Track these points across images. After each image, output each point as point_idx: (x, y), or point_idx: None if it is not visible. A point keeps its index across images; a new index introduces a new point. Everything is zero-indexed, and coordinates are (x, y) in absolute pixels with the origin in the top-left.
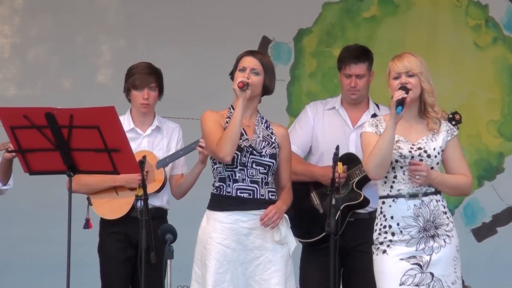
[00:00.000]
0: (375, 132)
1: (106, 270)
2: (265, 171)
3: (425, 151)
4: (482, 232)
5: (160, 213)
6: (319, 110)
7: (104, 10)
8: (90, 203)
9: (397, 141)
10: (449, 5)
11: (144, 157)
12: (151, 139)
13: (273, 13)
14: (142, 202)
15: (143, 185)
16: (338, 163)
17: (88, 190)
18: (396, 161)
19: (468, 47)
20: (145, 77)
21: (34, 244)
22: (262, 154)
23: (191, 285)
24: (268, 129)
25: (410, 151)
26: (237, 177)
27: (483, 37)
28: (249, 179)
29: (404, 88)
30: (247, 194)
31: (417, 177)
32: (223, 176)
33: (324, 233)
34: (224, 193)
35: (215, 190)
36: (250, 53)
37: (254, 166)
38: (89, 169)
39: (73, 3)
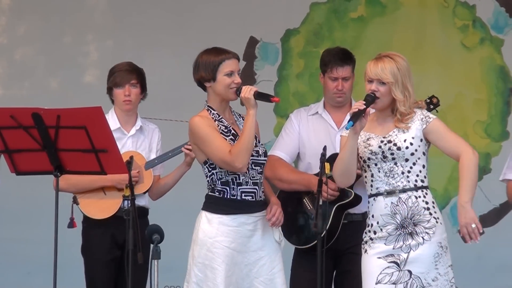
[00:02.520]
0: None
1: (92, 271)
2: (261, 170)
3: (395, 144)
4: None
5: (143, 212)
6: (303, 117)
7: (91, 11)
8: (76, 202)
9: (368, 139)
10: (436, 6)
11: (131, 157)
12: (135, 139)
13: (260, 14)
14: (129, 202)
15: (130, 185)
16: (326, 163)
17: (77, 189)
18: (369, 158)
19: (455, 48)
20: (125, 74)
21: (21, 244)
22: (259, 153)
23: (190, 287)
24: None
25: (380, 146)
26: (241, 180)
27: (470, 38)
28: (251, 181)
29: (369, 96)
30: (250, 197)
31: (473, 226)
32: (226, 180)
33: (319, 239)
34: (228, 197)
35: (217, 194)
36: (228, 53)
37: (253, 167)
38: (76, 170)
39: (61, 3)
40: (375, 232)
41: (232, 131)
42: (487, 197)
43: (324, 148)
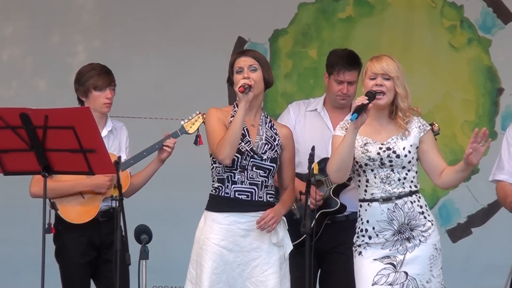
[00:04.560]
0: (344, 135)
1: (68, 275)
2: (265, 174)
3: (394, 152)
4: (457, 233)
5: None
6: (301, 111)
7: (79, 11)
8: (55, 208)
9: (365, 144)
10: (424, 6)
11: (120, 157)
12: (106, 140)
13: (248, 14)
14: (117, 203)
15: (119, 185)
16: (314, 164)
17: (54, 195)
18: (366, 164)
19: (443, 48)
20: (105, 77)
21: (8, 244)
22: (263, 158)
23: (185, 285)
24: (272, 129)
25: (379, 153)
26: (236, 179)
27: (458, 38)
28: (248, 182)
29: (370, 93)
30: (245, 196)
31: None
32: (222, 177)
33: (301, 238)
34: (222, 194)
35: (213, 191)
36: (241, 53)
37: (254, 169)
38: (64, 170)
39: (48, 3)
40: (370, 237)
41: (242, 132)
42: (475, 197)
43: (313, 149)
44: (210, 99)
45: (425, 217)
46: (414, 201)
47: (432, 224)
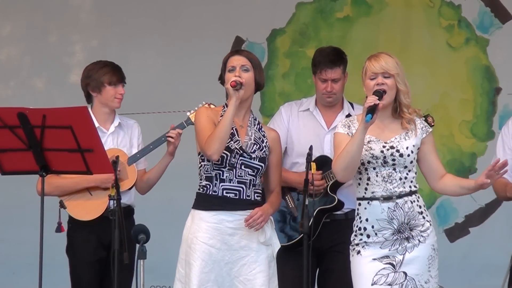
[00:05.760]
0: (347, 133)
1: (77, 272)
2: (254, 173)
3: (397, 150)
4: (455, 233)
5: (129, 212)
6: (293, 111)
7: (76, 10)
8: (63, 206)
9: (368, 142)
10: (422, 6)
11: (117, 157)
12: (115, 136)
13: (246, 13)
14: (115, 202)
15: (117, 185)
16: (312, 163)
17: (62, 192)
18: (368, 162)
19: (441, 48)
20: (119, 73)
21: (6, 244)
22: (252, 157)
23: (174, 284)
24: (260, 131)
25: (382, 151)
26: (224, 177)
27: (456, 38)
28: (236, 180)
29: (378, 92)
30: (233, 195)
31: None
32: (210, 175)
33: (299, 237)
34: (210, 193)
35: (201, 190)
36: (236, 52)
37: (243, 167)
38: (62, 169)
39: (46, 3)
40: (368, 236)
41: (232, 131)
42: (472, 197)
43: (310, 148)
44: (208, 98)
45: (423, 217)
46: (414, 201)
47: (430, 225)
